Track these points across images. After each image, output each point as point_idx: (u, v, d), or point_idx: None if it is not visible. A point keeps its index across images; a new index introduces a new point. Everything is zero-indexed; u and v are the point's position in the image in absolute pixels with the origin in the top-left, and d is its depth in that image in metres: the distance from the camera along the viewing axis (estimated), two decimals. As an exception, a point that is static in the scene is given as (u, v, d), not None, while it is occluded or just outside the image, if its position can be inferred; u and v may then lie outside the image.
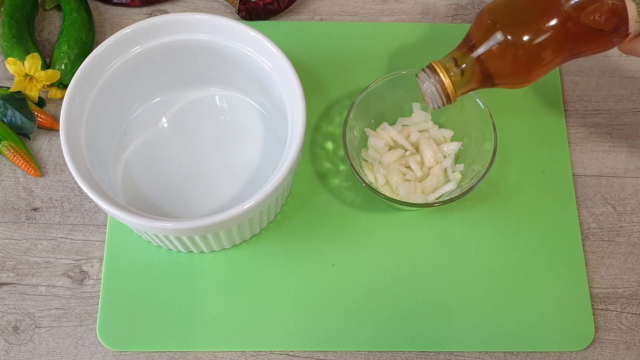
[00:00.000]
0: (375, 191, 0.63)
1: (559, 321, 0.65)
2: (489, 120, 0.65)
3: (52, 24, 0.78)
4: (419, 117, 0.69)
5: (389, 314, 0.64)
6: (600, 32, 0.57)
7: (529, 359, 0.64)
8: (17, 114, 0.69)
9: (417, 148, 0.69)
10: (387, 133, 0.68)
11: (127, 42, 0.64)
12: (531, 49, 0.57)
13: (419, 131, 0.69)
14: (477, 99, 0.66)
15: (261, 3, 0.77)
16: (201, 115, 0.71)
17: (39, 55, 0.70)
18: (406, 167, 0.67)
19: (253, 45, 0.64)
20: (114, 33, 0.63)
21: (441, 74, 0.59)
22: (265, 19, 0.77)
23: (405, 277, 0.66)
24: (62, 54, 0.72)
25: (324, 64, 0.75)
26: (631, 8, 0.56)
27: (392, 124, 0.70)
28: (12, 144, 0.69)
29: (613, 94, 0.75)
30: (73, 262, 0.67)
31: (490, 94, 0.68)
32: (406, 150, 0.68)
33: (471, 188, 0.63)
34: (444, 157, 0.68)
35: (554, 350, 0.64)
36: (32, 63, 0.69)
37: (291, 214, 0.68)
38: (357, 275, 0.66)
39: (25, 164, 0.69)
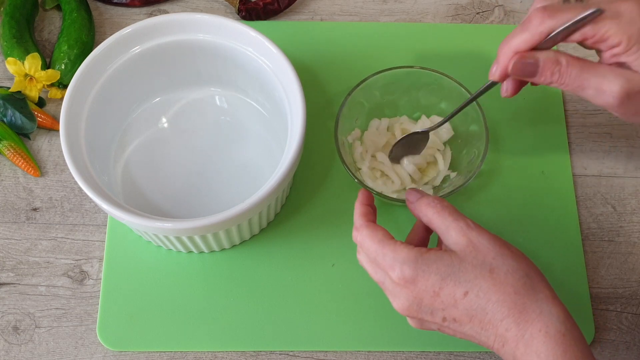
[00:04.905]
0: (371, 189, 0.63)
1: (559, 321, 0.64)
2: (479, 114, 0.65)
3: (52, 24, 0.78)
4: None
5: (388, 314, 0.64)
6: None
7: (529, 359, 0.64)
8: (17, 114, 0.69)
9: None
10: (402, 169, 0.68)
11: (127, 42, 0.64)
12: None
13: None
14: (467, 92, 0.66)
15: (261, 3, 0.77)
16: (201, 115, 0.71)
17: (39, 55, 0.70)
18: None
19: (253, 45, 0.64)
20: (114, 33, 0.63)
21: None
22: (265, 19, 0.77)
23: (405, 277, 0.65)
24: (62, 54, 0.72)
25: (324, 64, 0.75)
26: None
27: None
28: (12, 144, 0.69)
29: (613, 94, 0.75)
30: (73, 262, 0.67)
31: (490, 94, 0.68)
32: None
33: (466, 182, 0.64)
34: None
35: (554, 350, 0.64)
36: (32, 63, 0.69)
37: (291, 214, 0.68)
38: (357, 275, 0.66)
39: (25, 164, 0.69)
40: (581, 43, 0.53)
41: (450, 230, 0.51)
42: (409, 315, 0.52)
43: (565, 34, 0.52)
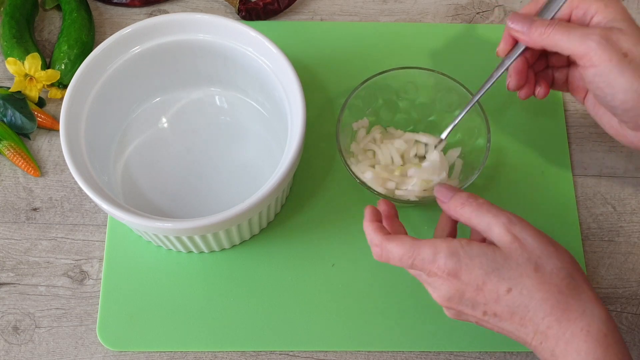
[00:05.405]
0: (370, 188, 0.63)
1: (559, 321, 0.64)
2: (481, 116, 0.65)
3: (52, 24, 0.78)
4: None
5: (388, 314, 0.64)
6: None
7: (528, 359, 0.64)
8: (17, 114, 0.69)
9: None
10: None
11: (127, 42, 0.64)
12: None
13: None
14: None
15: (261, 3, 0.77)
16: (201, 115, 0.71)
17: (39, 55, 0.70)
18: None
19: (253, 45, 0.64)
20: (114, 33, 0.63)
21: None
22: (265, 19, 0.77)
23: (405, 276, 0.65)
24: (62, 54, 0.72)
25: (324, 64, 0.75)
26: None
27: (385, 122, 0.70)
28: (12, 144, 0.69)
29: (613, 94, 0.75)
30: (73, 262, 0.67)
31: (490, 94, 0.68)
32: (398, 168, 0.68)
33: (466, 181, 0.64)
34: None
35: (554, 350, 0.64)
36: (32, 63, 0.69)
37: (291, 214, 0.68)
38: (357, 275, 0.66)
39: (25, 164, 0.69)
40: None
41: (492, 227, 0.51)
42: (448, 307, 0.52)
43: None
